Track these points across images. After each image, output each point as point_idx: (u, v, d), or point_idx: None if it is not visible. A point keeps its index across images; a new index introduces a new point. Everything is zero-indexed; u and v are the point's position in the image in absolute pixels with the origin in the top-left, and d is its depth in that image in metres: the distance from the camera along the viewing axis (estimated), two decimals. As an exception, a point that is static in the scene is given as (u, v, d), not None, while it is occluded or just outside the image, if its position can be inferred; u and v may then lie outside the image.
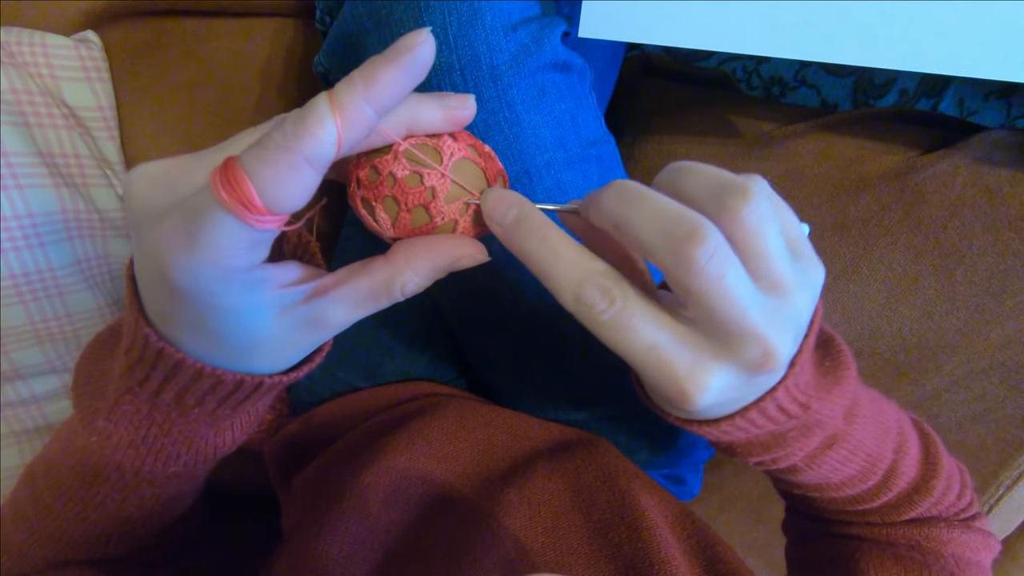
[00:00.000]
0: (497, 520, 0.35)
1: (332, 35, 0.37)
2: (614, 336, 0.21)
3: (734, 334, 0.20)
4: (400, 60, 0.18)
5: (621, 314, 0.21)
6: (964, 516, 0.35)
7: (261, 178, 0.17)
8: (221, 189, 0.17)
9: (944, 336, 0.49)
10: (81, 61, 0.48)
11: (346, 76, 0.18)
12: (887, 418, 0.33)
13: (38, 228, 0.48)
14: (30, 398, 0.54)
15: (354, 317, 0.22)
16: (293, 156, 0.17)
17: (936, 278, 0.47)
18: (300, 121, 0.17)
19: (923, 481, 0.33)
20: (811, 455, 0.29)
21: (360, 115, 0.18)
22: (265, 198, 0.17)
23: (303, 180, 0.18)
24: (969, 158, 0.45)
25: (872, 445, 0.31)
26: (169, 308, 0.21)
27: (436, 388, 0.50)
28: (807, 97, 0.82)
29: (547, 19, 0.35)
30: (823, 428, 0.28)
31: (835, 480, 0.31)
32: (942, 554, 0.33)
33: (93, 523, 0.29)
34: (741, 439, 0.27)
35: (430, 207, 0.21)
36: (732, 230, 0.20)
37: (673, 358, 0.21)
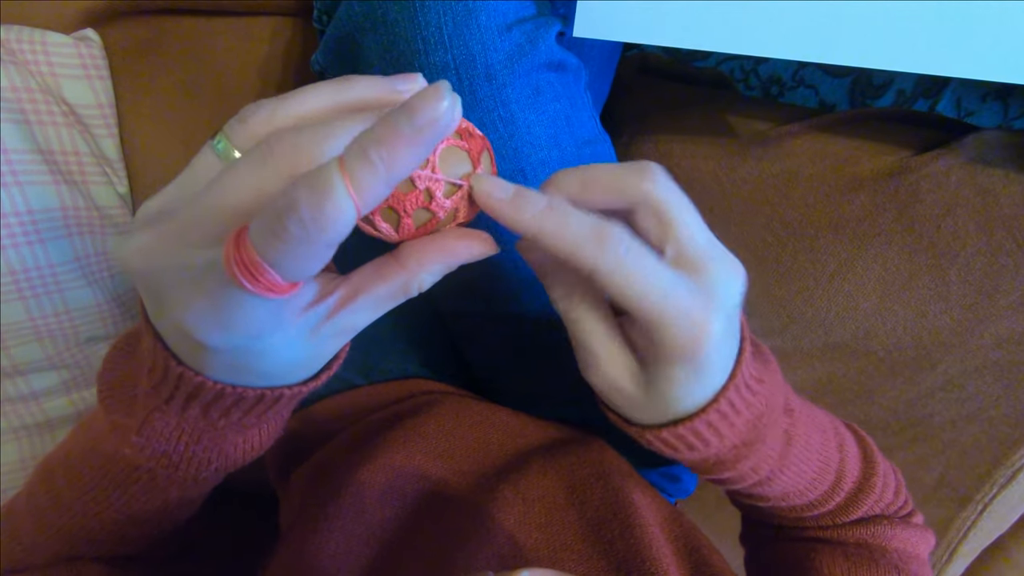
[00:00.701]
0: (491, 516, 0.35)
1: (329, 34, 0.37)
2: (635, 276, 0.21)
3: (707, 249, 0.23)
4: (420, 137, 0.16)
5: (643, 256, 0.21)
6: (903, 514, 0.37)
7: (282, 267, 0.17)
8: (244, 280, 0.17)
9: (938, 335, 0.49)
10: (81, 59, 0.49)
11: (360, 144, 0.16)
12: (819, 416, 0.35)
13: (38, 225, 0.48)
14: (29, 394, 0.54)
15: (374, 317, 0.23)
16: (313, 247, 0.16)
17: (930, 277, 0.48)
18: (317, 207, 0.16)
19: (864, 479, 0.35)
20: (778, 458, 0.30)
21: (379, 193, 0.17)
22: (287, 278, 0.17)
23: (325, 258, 0.17)
24: (963, 158, 0.45)
25: (818, 442, 0.33)
26: (197, 355, 0.21)
27: (433, 385, 0.51)
28: (805, 97, 0.82)
29: (542, 19, 0.35)
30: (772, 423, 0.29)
31: (797, 486, 0.32)
32: (887, 549, 0.35)
33: (111, 522, 0.30)
34: (711, 453, 0.28)
35: (430, 206, 0.22)
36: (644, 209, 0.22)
37: (683, 294, 0.22)
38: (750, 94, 0.85)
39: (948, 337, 0.49)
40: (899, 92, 0.77)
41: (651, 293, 0.21)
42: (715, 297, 0.22)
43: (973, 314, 0.47)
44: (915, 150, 0.48)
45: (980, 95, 0.74)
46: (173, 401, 0.24)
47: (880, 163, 0.48)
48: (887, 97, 0.78)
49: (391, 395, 0.48)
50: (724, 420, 0.26)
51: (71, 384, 0.56)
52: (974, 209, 0.45)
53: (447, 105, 0.17)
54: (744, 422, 0.27)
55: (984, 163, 0.45)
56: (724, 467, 0.29)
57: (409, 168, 0.17)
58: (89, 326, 0.54)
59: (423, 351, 0.51)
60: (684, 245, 0.22)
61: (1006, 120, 0.73)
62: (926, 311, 0.49)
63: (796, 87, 0.82)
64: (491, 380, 0.49)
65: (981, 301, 0.46)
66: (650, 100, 0.63)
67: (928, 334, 0.49)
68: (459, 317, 0.46)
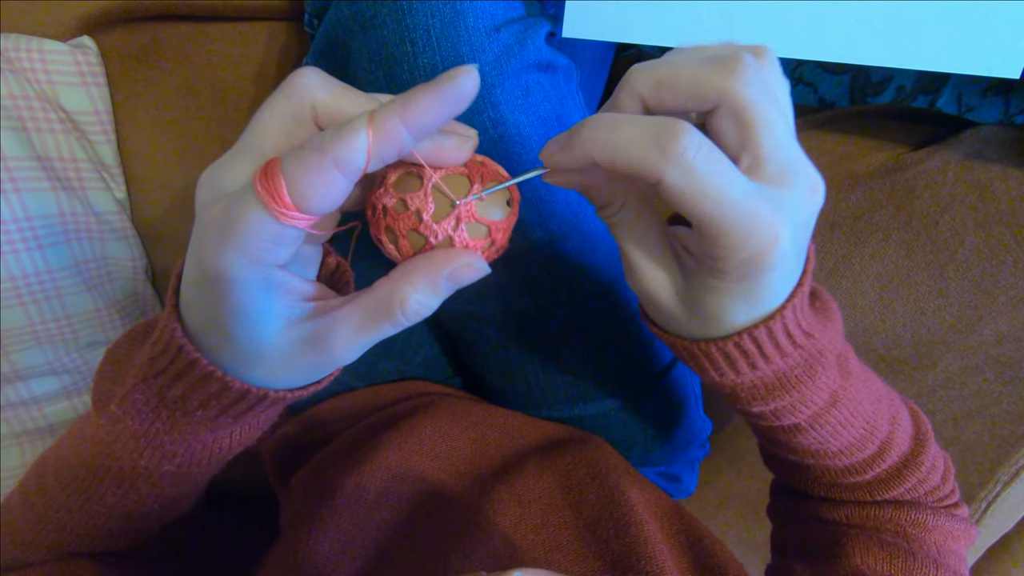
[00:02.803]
0: (487, 517, 0.35)
1: (319, 38, 0.37)
2: (709, 183, 0.19)
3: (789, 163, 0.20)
4: (440, 89, 0.18)
5: (718, 160, 0.20)
6: (947, 503, 0.35)
7: (293, 175, 0.18)
8: (258, 183, 0.19)
9: (937, 332, 0.49)
10: (77, 66, 0.49)
11: (390, 100, 0.19)
12: (877, 386, 0.33)
13: (36, 231, 0.49)
14: (30, 399, 0.54)
15: (357, 342, 0.22)
16: (324, 157, 0.18)
17: (928, 274, 0.47)
18: (336, 129, 0.19)
19: (912, 456, 0.33)
20: (816, 414, 0.29)
21: (392, 130, 0.19)
22: (294, 195, 0.18)
23: (331, 182, 0.19)
24: (959, 154, 0.45)
25: (869, 410, 0.31)
26: (195, 296, 0.22)
27: (430, 387, 0.51)
28: (804, 95, 0.82)
29: (531, 20, 0.35)
30: (823, 369, 0.27)
31: (834, 446, 0.31)
32: (926, 541, 0.33)
33: (96, 516, 0.30)
34: (746, 379, 0.27)
35: (420, 228, 0.22)
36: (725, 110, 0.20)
37: (760, 203, 0.20)
38: (748, 92, 0.84)
39: (948, 334, 0.48)
40: (899, 88, 0.77)
41: (722, 204, 0.19)
42: (788, 212, 0.21)
43: (973, 311, 0.47)
44: (912, 146, 0.48)
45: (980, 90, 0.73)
46: (163, 375, 0.24)
47: (876, 160, 0.48)
48: (887, 94, 0.78)
49: (388, 397, 0.48)
50: (768, 344, 0.25)
51: (71, 389, 0.56)
52: (972, 205, 0.45)
53: (469, 69, 0.18)
54: (786, 354, 0.26)
55: (981, 159, 0.45)
56: (758, 398, 0.28)
57: (425, 113, 0.19)
58: (88, 331, 0.55)
59: (420, 353, 0.51)
60: (765, 155, 0.20)
61: (1007, 115, 0.72)
62: (925, 308, 0.48)
63: (795, 85, 0.82)
64: (488, 381, 0.49)
65: (980, 298, 0.46)
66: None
67: (927, 331, 0.49)
68: (457, 318, 0.46)
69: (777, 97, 0.21)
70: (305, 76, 0.20)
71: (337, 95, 0.20)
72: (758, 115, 0.20)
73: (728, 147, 0.21)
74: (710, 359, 0.26)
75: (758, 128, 0.20)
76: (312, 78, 0.20)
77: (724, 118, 0.20)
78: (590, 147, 0.20)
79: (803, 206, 0.21)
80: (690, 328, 0.25)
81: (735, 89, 0.20)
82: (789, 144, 0.21)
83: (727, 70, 0.20)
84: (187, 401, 0.24)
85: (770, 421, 0.30)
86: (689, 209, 0.20)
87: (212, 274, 0.20)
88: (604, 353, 0.43)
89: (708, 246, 0.21)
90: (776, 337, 0.24)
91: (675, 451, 0.51)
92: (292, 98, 0.20)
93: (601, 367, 0.44)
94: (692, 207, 0.20)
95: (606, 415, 0.46)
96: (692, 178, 0.19)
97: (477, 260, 0.22)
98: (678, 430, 0.49)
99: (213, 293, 0.21)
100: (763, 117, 0.20)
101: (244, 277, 0.20)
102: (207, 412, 0.25)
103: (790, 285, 0.24)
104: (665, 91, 0.21)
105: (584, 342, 0.43)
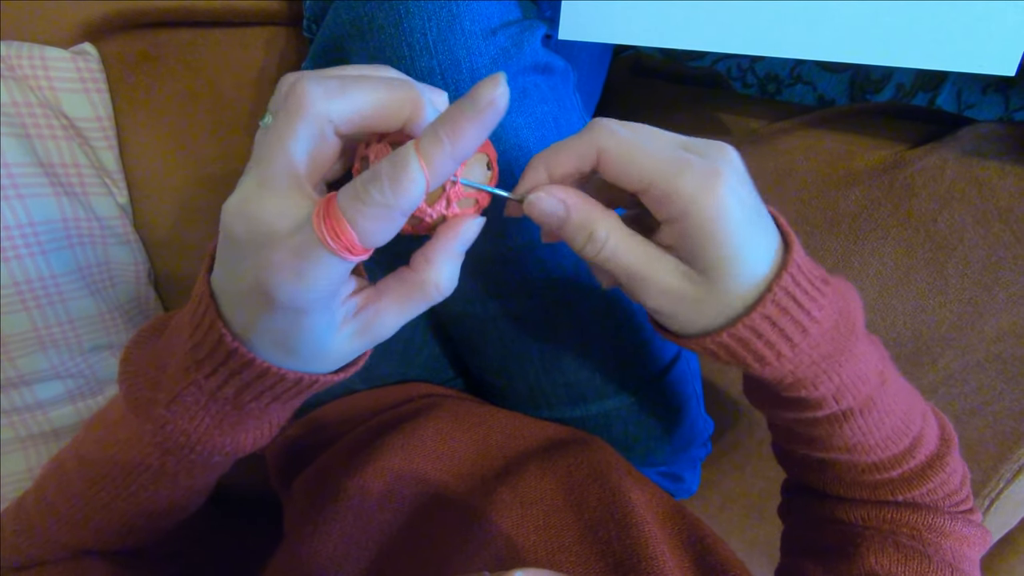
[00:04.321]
0: (489, 519, 0.35)
1: (317, 42, 0.37)
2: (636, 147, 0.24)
3: None
4: (482, 117, 0.19)
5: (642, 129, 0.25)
6: (963, 508, 0.35)
7: (362, 228, 0.20)
8: (328, 237, 0.20)
9: (938, 330, 0.49)
10: (79, 73, 0.49)
11: (432, 127, 0.20)
12: (907, 384, 0.33)
13: (40, 236, 0.49)
14: (35, 403, 0.55)
15: (399, 322, 0.24)
16: (391, 211, 0.19)
17: (928, 271, 0.47)
18: (396, 180, 0.19)
19: (939, 456, 0.33)
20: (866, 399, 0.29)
21: (445, 168, 0.20)
22: (365, 243, 0.20)
23: (396, 226, 0.20)
24: (958, 151, 0.45)
25: (905, 401, 0.32)
26: (255, 320, 0.23)
27: (432, 389, 0.51)
28: (803, 94, 0.82)
29: (527, 22, 0.35)
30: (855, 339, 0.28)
31: (874, 438, 0.31)
32: (942, 546, 0.33)
33: (121, 514, 0.31)
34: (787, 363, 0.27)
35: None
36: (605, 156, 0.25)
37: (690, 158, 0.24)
38: (747, 92, 0.84)
39: (948, 331, 0.48)
40: (898, 86, 0.77)
41: (653, 155, 0.23)
42: (711, 161, 0.23)
43: (973, 308, 0.47)
44: (910, 144, 0.48)
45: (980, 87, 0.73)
46: (214, 376, 0.25)
47: (874, 158, 0.48)
48: (886, 92, 0.78)
49: (390, 399, 0.49)
50: (786, 317, 0.25)
51: (76, 393, 0.57)
52: (970, 202, 0.45)
53: (502, 91, 0.19)
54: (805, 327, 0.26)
55: (980, 155, 0.45)
56: (802, 385, 0.28)
57: (471, 144, 0.20)
58: (92, 335, 0.55)
59: (422, 354, 0.51)
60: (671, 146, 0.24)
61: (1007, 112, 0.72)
62: (925, 305, 0.48)
63: (794, 84, 0.82)
64: (490, 382, 0.49)
65: (980, 294, 0.46)
66: (642, 100, 0.63)
67: (927, 328, 0.49)
68: (458, 319, 0.46)
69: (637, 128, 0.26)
70: (308, 89, 0.20)
71: (346, 99, 0.21)
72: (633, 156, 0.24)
73: None
74: (744, 343, 0.26)
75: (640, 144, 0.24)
76: (314, 87, 0.20)
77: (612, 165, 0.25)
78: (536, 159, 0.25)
79: (723, 154, 0.24)
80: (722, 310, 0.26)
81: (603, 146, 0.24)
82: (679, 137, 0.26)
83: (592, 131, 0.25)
84: (240, 396, 0.26)
85: (813, 412, 0.30)
86: (631, 167, 0.24)
87: (287, 309, 0.21)
88: (604, 353, 0.44)
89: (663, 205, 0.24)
90: (782, 304, 0.25)
91: (677, 450, 0.51)
92: (307, 118, 0.20)
93: (602, 367, 0.44)
94: (632, 163, 0.23)
95: (607, 415, 0.46)
96: (619, 140, 0.24)
97: (474, 219, 0.24)
98: (680, 429, 0.49)
99: (281, 321, 0.22)
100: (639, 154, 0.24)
101: (316, 309, 0.22)
102: (259, 402, 0.26)
103: (772, 237, 0.25)
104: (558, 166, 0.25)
105: (584, 342, 0.43)
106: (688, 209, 0.23)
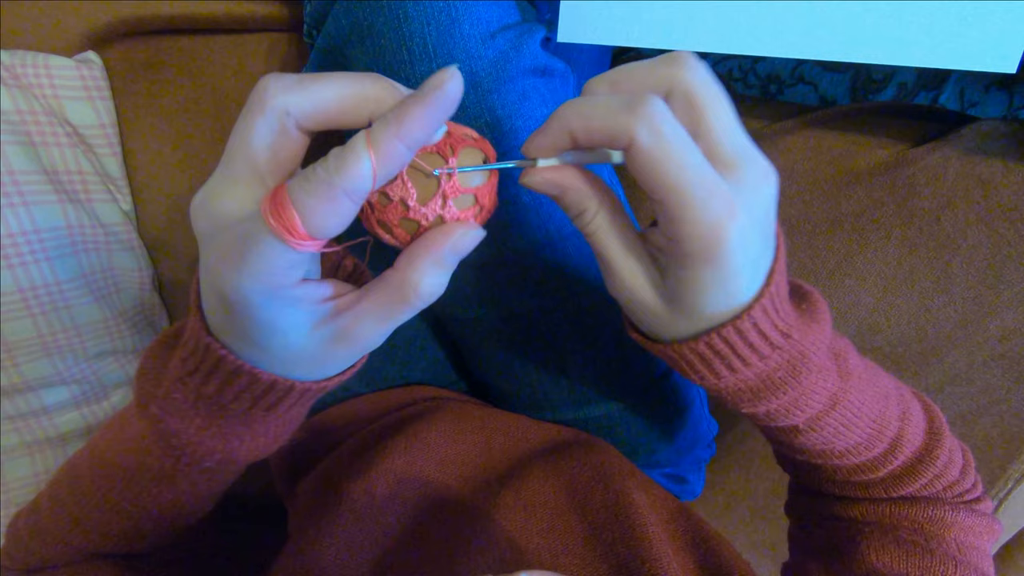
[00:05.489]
0: (493, 522, 0.35)
1: (318, 48, 0.37)
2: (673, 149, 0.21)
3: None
4: (428, 98, 0.19)
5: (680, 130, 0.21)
6: (968, 498, 0.34)
7: (304, 207, 0.19)
8: (270, 216, 0.19)
9: (943, 329, 0.49)
10: (83, 81, 0.50)
11: (383, 116, 0.20)
12: (884, 382, 0.33)
13: (44, 243, 0.49)
14: (40, 409, 0.55)
15: (381, 329, 0.23)
16: (333, 189, 0.19)
17: (932, 271, 0.47)
18: (340, 158, 0.19)
19: (927, 451, 0.33)
20: (813, 418, 0.29)
21: (392, 150, 0.19)
22: (307, 224, 0.19)
23: (341, 209, 0.19)
24: (960, 149, 0.45)
25: (875, 408, 0.31)
26: (220, 317, 0.23)
27: (435, 392, 0.51)
28: (805, 94, 0.81)
29: (526, 25, 0.35)
30: (808, 371, 0.27)
31: (839, 447, 0.31)
32: (944, 538, 0.32)
33: (128, 516, 0.31)
34: (729, 383, 0.27)
35: (409, 215, 0.22)
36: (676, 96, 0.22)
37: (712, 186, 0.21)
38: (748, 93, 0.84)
39: (953, 330, 0.48)
40: (900, 85, 0.76)
41: (684, 170, 0.20)
42: (741, 195, 0.21)
43: (977, 307, 0.46)
44: (912, 143, 0.47)
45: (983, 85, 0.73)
46: (197, 374, 0.25)
47: (877, 157, 0.48)
48: (888, 91, 0.77)
49: (393, 402, 0.49)
50: (740, 344, 0.25)
51: (81, 399, 0.57)
52: (974, 200, 0.44)
53: (450, 76, 0.19)
54: (763, 355, 0.26)
55: (983, 154, 0.44)
56: (745, 401, 0.28)
57: (420, 127, 0.19)
58: (97, 341, 0.55)
59: (424, 357, 0.51)
60: (716, 139, 0.22)
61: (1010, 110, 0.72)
62: (929, 305, 0.48)
63: (795, 84, 0.81)
64: (492, 385, 0.49)
65: (985, 293, 0.46)
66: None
67: (932, 328, 0.49)
68: (460, 322, 0.46)
69: (719, 90, 0.22)
70: (267, 85, 0.20)
71: (304, 92, 0.20)
72: (709, 100, 0.22)
73: None
74: (687, 361, 0.26)
75: (710, 113, 0.22)
76: (272, 83, 0.20)
77: (678, 105, 0.22)
78: (568, 118, 0.22)
79: (758, 191, 0.22)
80: (677, 329, 0.26)
81: (686, 76, 0.21)
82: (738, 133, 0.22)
83: (677, 61, 0.22)
84: (222, 395, 0.25)
85: (766, 422, 0.30)
86: (655, 174, 0.21)
87: (232, 300, 0.21)
88: (608, 354, 0.44)
89: (670, 224, 0.22)
90: (747, 336, 0.25)
91: (681, 452, 0.51)
92: (265, 112, 0.20)
93: (605, 368, 0.44)
94: (658, 171, 0.21)
95: (610, 417, 0.46)
96: (659, 139, 0.20)
97: (471, 228, 0.23)
98: (683, 431, 0.49)
99: (237, 315, 0.22)
100: (713, 104, 0.22)
101: (265, 301, 0.21)
102: (240, 404, 0.26)
103: (759, 276, 0.24)
104: (621, 88, 0.23)
105: (587, 344, 0.43)
106: (689, 247, 0.22)
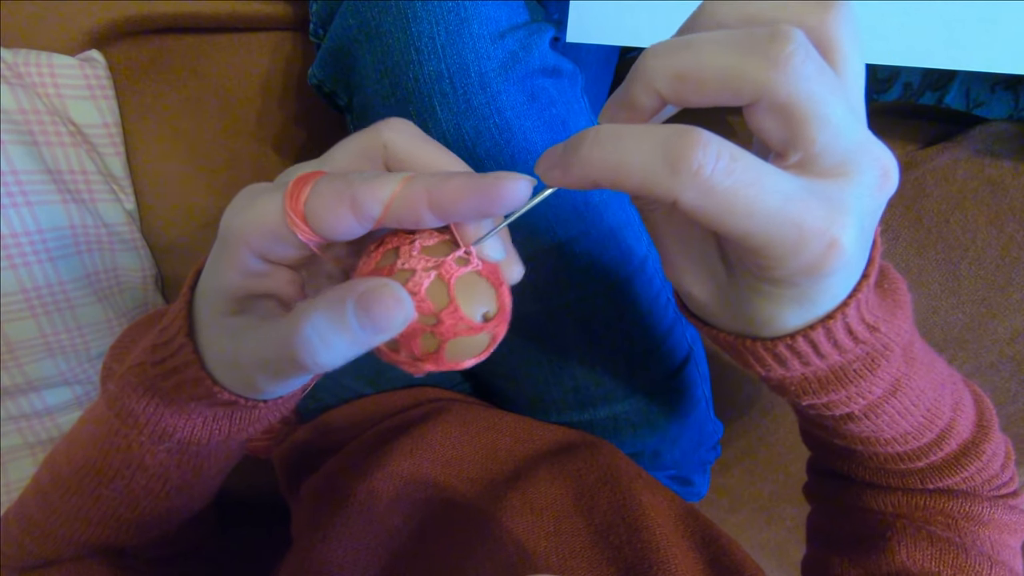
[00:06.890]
0: (500, 525, 0.35)
1: (324, 47, 0.37)
2: (736, 199, 0.16)
3: (850, 152, 0.17)
4: (475, 186, 0.18)
5: (744, 169, 0.16)
6: (1005, 491, 0.33)
7: (315, 194, 0.19)
8: (292, 183, 0.19)
9: (951, 331, 0.48)
10: (86, 80, 0.49)
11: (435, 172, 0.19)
12: (941, 369, 0.30)
13: (48, 243, 0.49)
14: (43, 410, 0.55)
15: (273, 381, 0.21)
16: (345, 191, 0.18)
17: (940, 272, 0.47)
18: (375, 174, 0.19)
19: (974, 444, 0.30)
20: (872, 404, 0.26)
21: (415, 202, 0.18)
22: (308, 210, 0.19)
23: (342, 214, 0.19)
24: (969, 151, 0.44)
25: (931, 397, 0.28)
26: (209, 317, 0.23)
27: (440, 393, 0.51)
28: (810, 94, 0.81)
29: (535, 25, 0.35)
30: (887, 362, 0.25)
31: (888, 434, 0.28)
32: (979, 535, 0.31)
33: (106, 502, 0.30)
34: (797, 374, 0.24)
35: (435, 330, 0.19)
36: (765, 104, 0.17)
37: (811, 207, 0.17)
38: (754, 92, 0.84)
39: (961, 332, 0.48)
40: (906, 86, 0.76)
41: (754, 218, 0.16)
42: (851, 208, 0.17)
43: (986, 309, 0.46)
44: (920, 144, 0.47)
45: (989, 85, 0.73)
46: (158, 366, 0.25)
47: (885, 158, 0.48)
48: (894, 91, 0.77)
49: (399, 403, 0.48)
50: (825, 344, 0.22)
51: (84, 399, 0.57)
52: (983, 202, 0.44)
53: (518, 181, 0.18)
54: (845, 350, 0.23)
55: (992, 155, 0.44)
56: (809, 393, 0.25)
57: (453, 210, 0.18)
58: (100, 342, 0.55)
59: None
60: (818, 151, 0.17)
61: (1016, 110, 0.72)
62: (938, 307, 0.48)
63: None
64: (497, 386, 0.49)
65: (993, 295, 0.45)
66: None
67: (941, 330, 0.49)
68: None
69: (827, 79, 0.17)
70: (389, 120, 0.21)
71: (410, 139, 0.20)
72: (809, 110, 0.17)
73: (771, 141, 0.18)
74: (756, 357, 0.24)
75: (810, 123, 0.17)
76: (394, 122, 0.21)
77: (766, 115, 0.17)
78: (589, 168, 0.17)
79: (871, 195, 0.18)
80: (733, 325, 0.23)
81: (779, 83, 0.16)
82: (849, 130, 0.17)
83: (768, 59, 0.16)
84: (179, 392, 0.25)
85: (821, 411, 0.27)
86: (715, 228, 0.17)
87: (221, 235, 0.21)
88: (614, 358, 0.43)
89: (751, 257, 0.18)
90: (835, 335, 0.22)
91: (686, 454, 0.51)
92: (368, 134, 0.21)
93: (610, 372, 0.44)
94: (718, 226, 0.17)
95: (615, 419, 0.46)
96: (712, 197, 0.16)
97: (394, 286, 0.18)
98: (689, 433, 0.49)
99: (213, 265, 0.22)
100: (816, 110, 0.17)
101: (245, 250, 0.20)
102: (199, 405, 0.26)
103: (853, 281, 0.21)
104: (688, 86, 0.17)
105: (593, 346, 0.43)
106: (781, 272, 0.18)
